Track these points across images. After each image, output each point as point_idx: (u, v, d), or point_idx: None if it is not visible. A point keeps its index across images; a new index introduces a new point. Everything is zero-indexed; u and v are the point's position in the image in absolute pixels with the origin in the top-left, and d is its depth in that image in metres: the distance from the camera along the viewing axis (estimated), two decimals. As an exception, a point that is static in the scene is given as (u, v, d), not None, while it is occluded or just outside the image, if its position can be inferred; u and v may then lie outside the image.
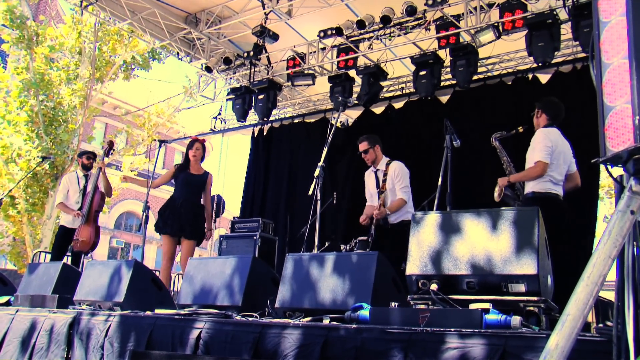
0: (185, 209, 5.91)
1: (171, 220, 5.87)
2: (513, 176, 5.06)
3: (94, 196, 6.71)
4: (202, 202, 6.15)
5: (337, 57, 8.20)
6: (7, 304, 4.90)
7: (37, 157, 10.91)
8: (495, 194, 5.09)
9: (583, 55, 6.95)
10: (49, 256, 7.13)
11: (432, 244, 2.85)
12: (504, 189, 5.03)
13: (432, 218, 2.93)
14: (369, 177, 5.97)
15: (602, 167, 1.99)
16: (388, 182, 5.70)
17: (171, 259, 5.95)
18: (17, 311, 4.36)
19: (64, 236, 6.98)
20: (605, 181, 11.88)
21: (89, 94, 12.35)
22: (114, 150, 8.27)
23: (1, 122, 11.50)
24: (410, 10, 6.95)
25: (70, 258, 6.93)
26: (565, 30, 6.71)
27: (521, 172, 5.00)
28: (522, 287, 2.56)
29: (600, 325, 2.27)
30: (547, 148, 4.73)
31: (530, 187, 4.88)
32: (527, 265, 2.54)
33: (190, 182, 6.07)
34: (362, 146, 5.85)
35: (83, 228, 6.60)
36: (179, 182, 6.09)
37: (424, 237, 2.89)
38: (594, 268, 1.78)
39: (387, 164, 5.79)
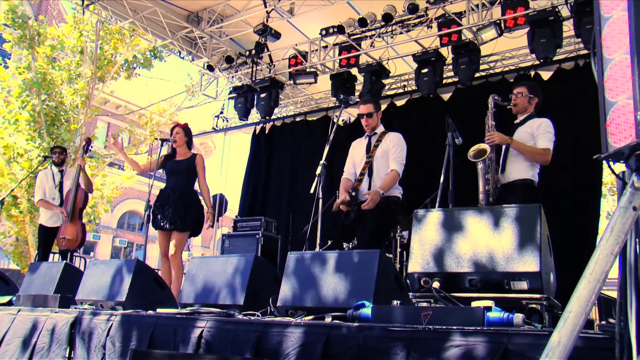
0: (174, 201, 5.57)
1: (161, 214, 5.59)
2: (517, 142, 4.62)
3: (77, 193, 6.63)
4: (194, 189, 5.80)
5: (339, 55, 8.21)
6: (9, 303, 4.90)
7: (39, 156, 10.89)
8: (489, 141, 4.64)
9: (585, 52, 6.94)
10: (50, 256, 7.10)
11: (434, 241, 2.84)
12: (491, 148, 4.62)
13: (434, 216, 2.92)
14: (359, 144, 5.21)
15: (604, 163, 1.98)
16: (380, 149, 4.96)
17: (166, 255, 5.66)
18: (18, 311, 4.37)
19: (45, 236, 6.86)
20: (608, 178, 11.85)
21: (91, 93, 12.34)
22: (92, 147, 8.21)
23: (3, 121, 11.49)
24: (412, 8, 6.93)
25: (59, 257, 6.88)
26: (567, 27, 6.70)
27: (528, 145, 4.60)
28: (524, 285, 2.55)
29: (603, 322, 2.26)
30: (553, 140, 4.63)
31: (522, 173, 4.62)
32: (529, 263, 2.53)
33: (175, 170, 5.75)
34: (366, 108, 5.04)
35: (69, 226, 6.53)
36: (166, 173, 5.83)
37: (426, 234, 2.88)
38: (596, 265, 1.77)
39: (384, 133, 5.07)
